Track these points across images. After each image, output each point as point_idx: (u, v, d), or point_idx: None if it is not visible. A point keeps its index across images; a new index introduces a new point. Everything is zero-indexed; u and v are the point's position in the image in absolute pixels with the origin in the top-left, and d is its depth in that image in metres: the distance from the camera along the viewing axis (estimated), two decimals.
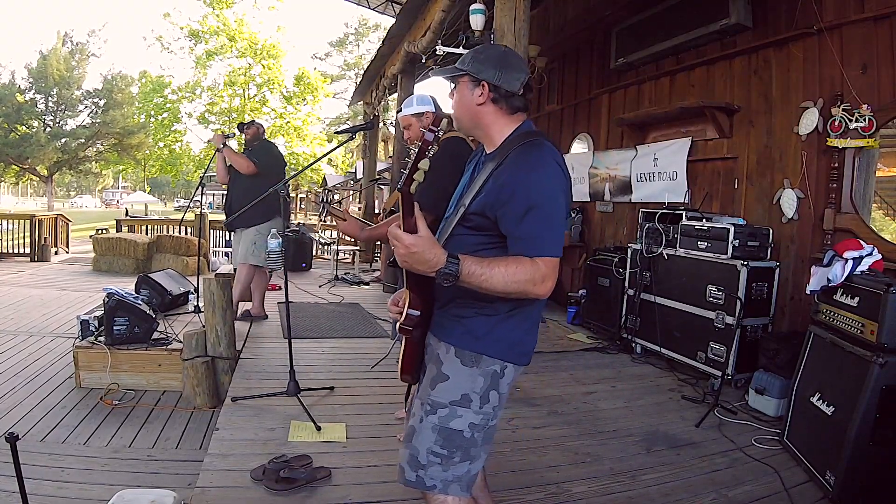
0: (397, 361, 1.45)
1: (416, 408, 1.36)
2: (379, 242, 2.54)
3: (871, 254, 2.38)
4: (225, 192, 4.71)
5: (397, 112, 2.55)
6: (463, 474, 1.31)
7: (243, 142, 4.54)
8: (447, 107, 2.39)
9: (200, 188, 5.38)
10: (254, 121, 4.55)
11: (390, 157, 10.08)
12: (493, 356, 1.31)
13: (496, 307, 1.29)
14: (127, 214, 11.47)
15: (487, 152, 1.37)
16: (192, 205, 6.15)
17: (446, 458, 1.29)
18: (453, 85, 1.39)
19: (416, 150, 1.20)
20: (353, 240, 8.99)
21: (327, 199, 2.27)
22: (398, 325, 1.34)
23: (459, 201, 1.36)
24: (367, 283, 6.73)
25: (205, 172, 5.26)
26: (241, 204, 4.12)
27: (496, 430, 1.39)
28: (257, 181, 4.07)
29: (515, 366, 1.34)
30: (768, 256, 3.47)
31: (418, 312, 1.32)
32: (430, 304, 1.36)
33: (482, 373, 1.30)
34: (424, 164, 1.19)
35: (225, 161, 4.38)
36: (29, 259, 8.98)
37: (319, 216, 2.31)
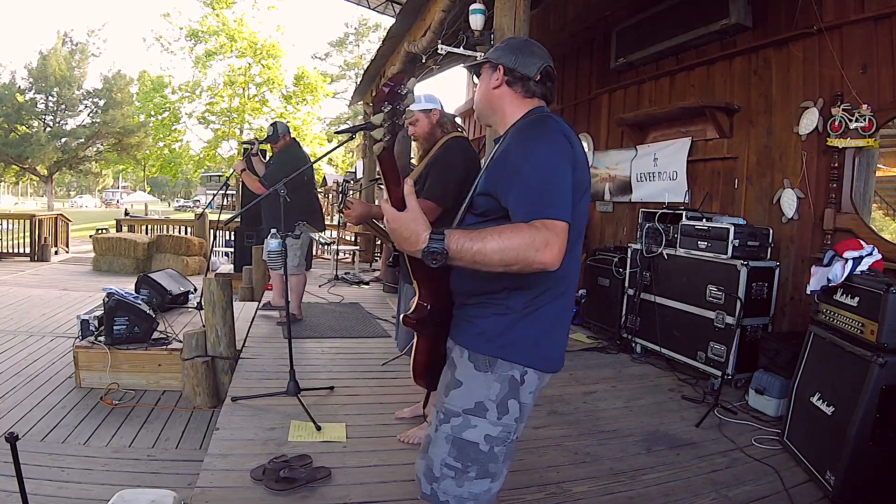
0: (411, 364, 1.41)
1: (432, 416, 1.28)
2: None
3: (871, 254, 2.38)
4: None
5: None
6: (481, 493, 1.20)
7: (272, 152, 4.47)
8: (449, 110, 2.42)
9: (225, 187, 5.33)
10: (276, 126, 4.31)
11: None
12: (509, 360, 1.19)
13: (510, 305, 1.20)
14: (126, 214, 11.46)
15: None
16: (205, 207, 6.09)
17: (460, 471, 1.19)
18: (477, 79, 1.43)
19: (385, 106, 1.10)
20: (353, 239, 8.99)
21: (344, 190, 2.33)
22: (402, 316, 1.29)
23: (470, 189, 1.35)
24: (367, 283, 6.72)
25: (227, 175, 5.11)
26: (269, 214, 4.12)
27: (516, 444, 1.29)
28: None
29: (538, 372, 1.22)
30: (768, 256, 3.47)
31: (427, 306, 1.26)
32: (444, 300, 1.29)
33: (497, 378, 1.20)
34: (377, 119, 1.09)
35: (254, 172, 4.37)
36: (29, 259, 8.99)
37: (339, 208, 2.33)
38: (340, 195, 2.32)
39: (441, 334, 1.34)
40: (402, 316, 1.29)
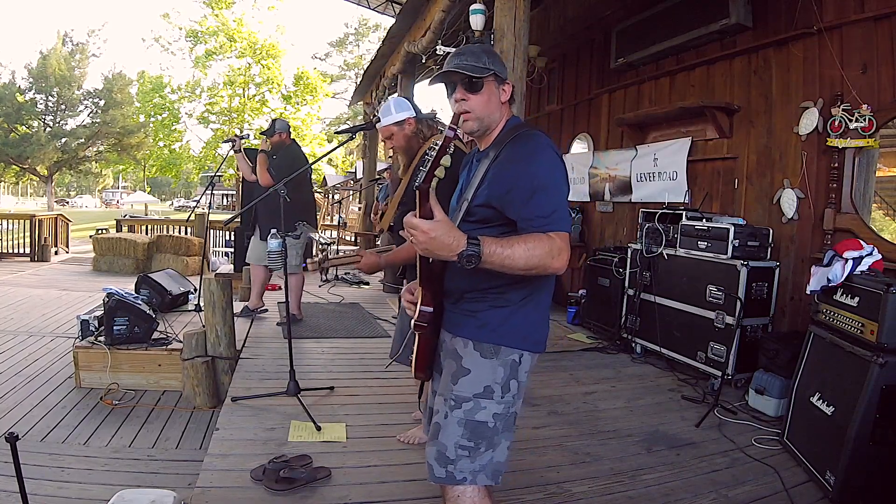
0: (410, 361, 1.46)
1: (439, 404, 1.37)
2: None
3: (871, 254, 2.38)
4: (237, 193, 4.71)
5: (376, 122, 2.38)
6: (487, 463, 1.32)
7: (269, 148, 4.45)
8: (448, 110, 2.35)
9: (211, 188, 5.35)
10: (275, 122, 4.33)
11: (390, 157, 10.06)
12: (511, 346, 1.34)
13: (508, 298, 1.33)
14: (125, 216, 11.48)
15: (481, 150, 1.42)
16: (196, 206, 6.13)
17: (473, 449, 1.31)
18: (463, 86, 1.35)
19: (436, 147, 1.18)
20: (353, 239, 9.00)
21: (325, 257, 2.07)
22: (412, 322, 1.37)
23: (461, 198, 1.39)
24: (367, 283, 6.73)
25: (216, 173, 5.16)
26: (264, 213, 4.12)
27: (517, 417, 1.41)
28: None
29: (532, 353, 1.38)
30: (768, 256, 3.47)
31: (431, 309, 1.36)
32: (441, 301, 1.39)
33: (501, 363, 1.34)
34: (446, 161, 1.18)
35: (245, 160, 4.39)
36: (29, 259, 8.99)
37: (322, 274, 2.01)
38: (321, 266, 2.04)
39: (436, 331, 1.44)
40: (412, 322, 1.37)
